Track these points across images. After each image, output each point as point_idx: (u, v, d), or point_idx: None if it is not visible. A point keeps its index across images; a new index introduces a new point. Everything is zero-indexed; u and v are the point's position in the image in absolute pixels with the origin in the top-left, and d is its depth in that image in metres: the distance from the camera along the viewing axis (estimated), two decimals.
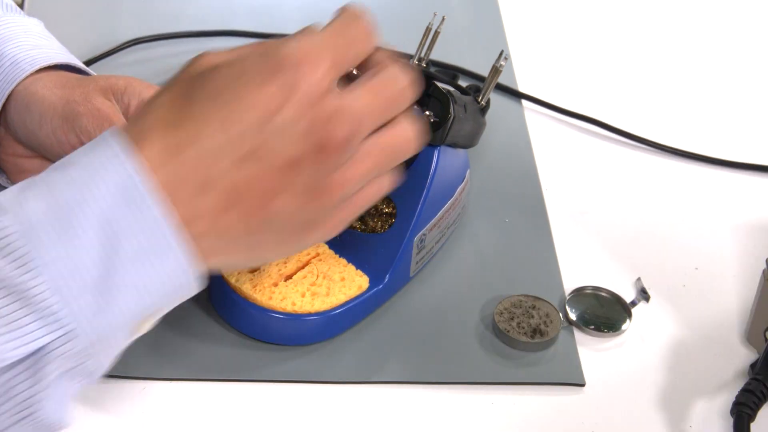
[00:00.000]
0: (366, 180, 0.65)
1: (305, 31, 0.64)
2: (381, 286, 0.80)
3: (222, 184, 0.61)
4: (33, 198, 0.58)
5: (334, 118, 0.62)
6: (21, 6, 1.09)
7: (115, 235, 0.58)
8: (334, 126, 0.61)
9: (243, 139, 0.60)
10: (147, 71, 1.03)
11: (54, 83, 0.79)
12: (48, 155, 0.80)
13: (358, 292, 0.79)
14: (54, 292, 0.58)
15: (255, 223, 0.62)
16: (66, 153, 0.66)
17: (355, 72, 0.66)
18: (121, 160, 0.59)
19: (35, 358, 0.58)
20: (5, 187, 0.82)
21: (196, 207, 0.61)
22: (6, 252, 0.57)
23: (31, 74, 0.80)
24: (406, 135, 0.66)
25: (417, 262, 0.83)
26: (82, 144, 0.72)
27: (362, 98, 0.63)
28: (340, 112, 0.62)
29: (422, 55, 0.84)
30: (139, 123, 0.61)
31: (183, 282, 0.61)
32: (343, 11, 0.66)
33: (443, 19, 0.85)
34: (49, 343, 0.58)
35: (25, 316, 0.57)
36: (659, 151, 0.99)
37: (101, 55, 1.03)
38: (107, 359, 0.61)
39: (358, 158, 0.64)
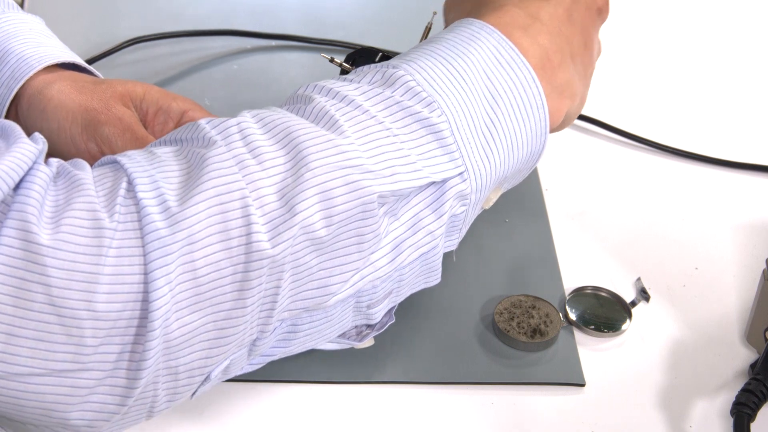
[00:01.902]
0: None
1: None
2: None
3: (575, 19, 0.74)
4: (421, 58, 0.67)
5: None
6: (21, 5, 1.09)
7: (495, 90, 0.68)
8: None
9: None
10: (147, 71, 1.03)
11: (70, 88, 0.79)
12: (62, 155, 0.78)
13: None
14: (453, 132, 0.65)
15: (589, 55, 0.76)
16: (84, 158, 0.69)
17: None
18: (490, 30, 0.69)
19: (439, 190, 0.65)
20: None
21: (568, 34, 0.73)
22: (413, 93, 0.65)
23: (40, 71, 0.79)
24: None
25: None
26: (102, 152, 0.76)
27: None
28: None
29: None
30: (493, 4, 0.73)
31: (540, 144, 0.71)
32: None
33: (434, 14, 0.85)
34: (451, 177, 0.66)
35: (437, 148, 0.65)
36: (659, 151, 0.99)
37: (101, 54, 1.03)
38: (473, 216, 0.70)
39: None
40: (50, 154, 0.79)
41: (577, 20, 0.74)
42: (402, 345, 0.80)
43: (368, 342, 0.71)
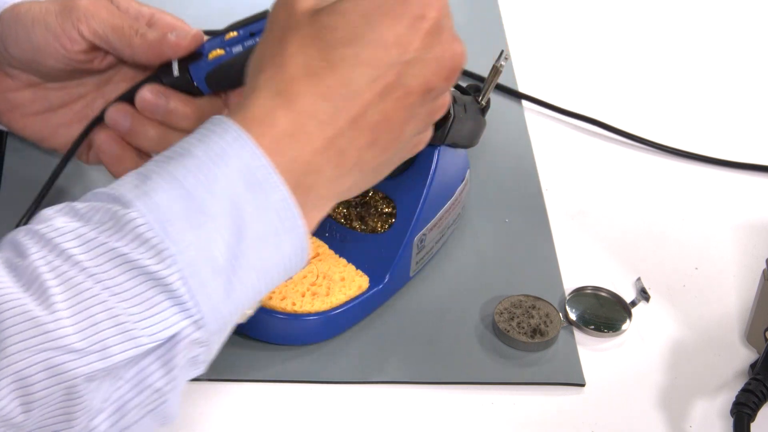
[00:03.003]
0: None
1: None
2: (381, 286, 0.80)
3: (371, 116, 0.64)
4: (158, 189, 0.59)
5: (456, 39, 0.66)
6: None
7: (242, 220, 0.60)
8: (458, 46, 0.66)
9: (387, 74, 0.64)
10: None
11: None
12: (42, 63, 0.78)
13: (358, 292, 0.79)
14: (186, 280, 0.58)
15: (389, 154, 0.66)
16: (64, 47, 0.73)
17: None
18: (243, 143, 0.61)
19: (168, 346, 0.59)
20: None
21: (350, 140, 0.64)
22: (141, 241, 0.58)
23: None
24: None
25: (417, 262, 0.83)
26: (80, 33, 0.75)
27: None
28: (455, 33, 0.67)
29: None
30: (276, 79, 0.64)
31: (299, 260, 0.63)
32: None
33: None
34: (181, 330, 0.59)
35: (162, 302, 0.58)
36: (659, 151, 0.99)
37: None
38: (217, 348, 0.62)
39: None
40: (27, 60, 0.78)
41: (373, 118, 0.64)
42: (402, 345, 0.80)
43: None
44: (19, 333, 0.56)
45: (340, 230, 0.82)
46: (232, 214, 0.60)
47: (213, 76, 0.75)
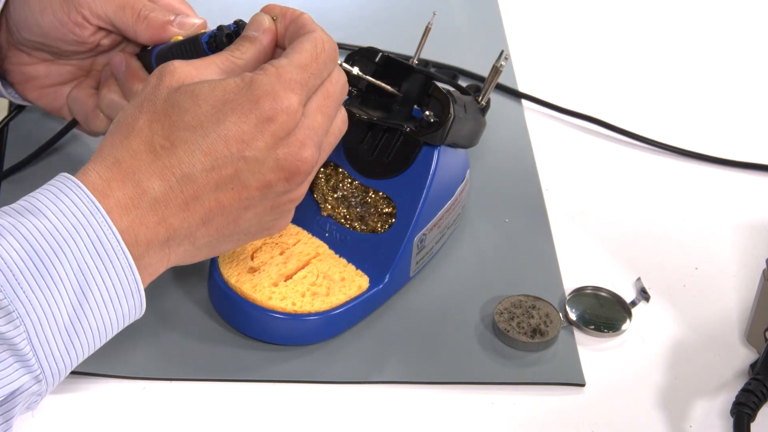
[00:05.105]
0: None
1: (282, 62, 0.69)
2: (381, 286, 0.80)
3: (204, 202, 0.67)
4: (9, 248, 0.62)
5: (305, 145, 0.68)
6: None
7: (86, 284, 0.63)
8: (305, 152, 0.68)
9: (224, 166, 0.67)
10: None
11: None
12: (53, 46, 0.81)
13: (358, 292, 0.79)
14: (30, 340, 0.62)
15: (226, 233, 0.69)
16: (70, 35, 0.78)
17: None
18: (93, 210, 0.64)
19: (9, 399, 0.62)
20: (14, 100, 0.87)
21: (181, 219, 0.67)
22: None
23: None
24: (344, 118, 0.74)
25: (417, 262, 0.83)
26: (84, 18, 0.79)
27: (320, 109, 0.70)
28: (309, 137, 0.68)
29: (420, 54, 0.84)
30: (119, 147, 0.66)
31: (135, 315, 0.68)
32: (311, 33, 0.71)
33: (434, 14, 0.85)
34: (22, 385, 0.63)
35: (7, 358, 0.62)
36: (659, 150, 0.99)
37: None
38: (47, 394, 0.66)
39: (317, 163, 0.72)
40: (38, 43, 0.82)
41: (207, 203, 0.67)
42: (402, 345, 0.80)
43: None
44: None
45: (340, 230, 0.82)
46: (78, 278, 0.63)
47: (160, 55, 0.79)
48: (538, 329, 0.80)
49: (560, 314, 0.81)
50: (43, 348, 0.63)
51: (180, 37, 0.79)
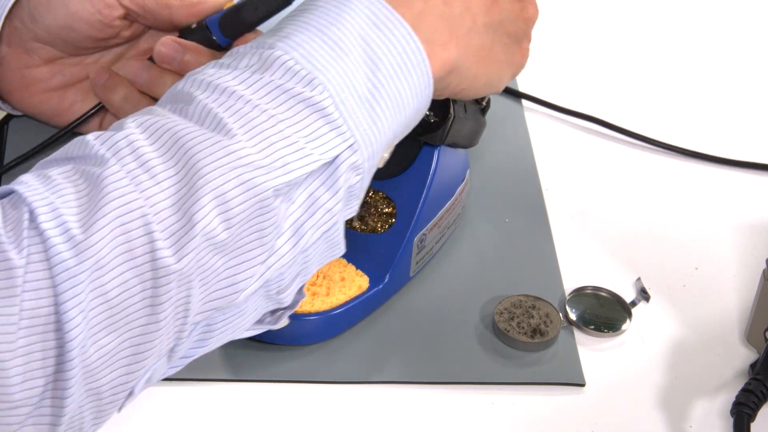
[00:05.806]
0: None
1: None
2: (381, 286, 0.80)
3: None
4: (295, 32, 0.65)
5: None
6: None
7: (374, 53, 0.65)
8: None
9: None
10: None
11: None
12: (77, 29, 0.81)
13: (358, 292, 0.79)
14: (338, 106, 0.63)
15: (480, 22, 0.71)
16: (101, 13, 0.80)
17: None
18: None
19: (332, 167, 0.63)
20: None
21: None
22: (291, 74, 0.63)
23: None
24: None
25: (417, 262, 0.83)
26: (111, 12, 0.81)
27: None
28: None
29: None
30: None
31: (425, 97, 0.68)
32: None
33: None
34: (341, 152, 0.63)
35: (322, 126, 0.63)
36: (659, 149, 0.99)
37: None
38: (367, 182, 0.67)
39: None
40: (65, 27, 0.82)
41: None
42: (401, 345, 0.80)
43: (284, 322, 0.71)
44: (209, 156, 0.60)
45: None
46: (364, 49, 0.65)
47: (224, 22, 0.80)
48: (538, 329, 0.80)
49: (560, 314, 0.81)
50: (352, 117, 0.64)
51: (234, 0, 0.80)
